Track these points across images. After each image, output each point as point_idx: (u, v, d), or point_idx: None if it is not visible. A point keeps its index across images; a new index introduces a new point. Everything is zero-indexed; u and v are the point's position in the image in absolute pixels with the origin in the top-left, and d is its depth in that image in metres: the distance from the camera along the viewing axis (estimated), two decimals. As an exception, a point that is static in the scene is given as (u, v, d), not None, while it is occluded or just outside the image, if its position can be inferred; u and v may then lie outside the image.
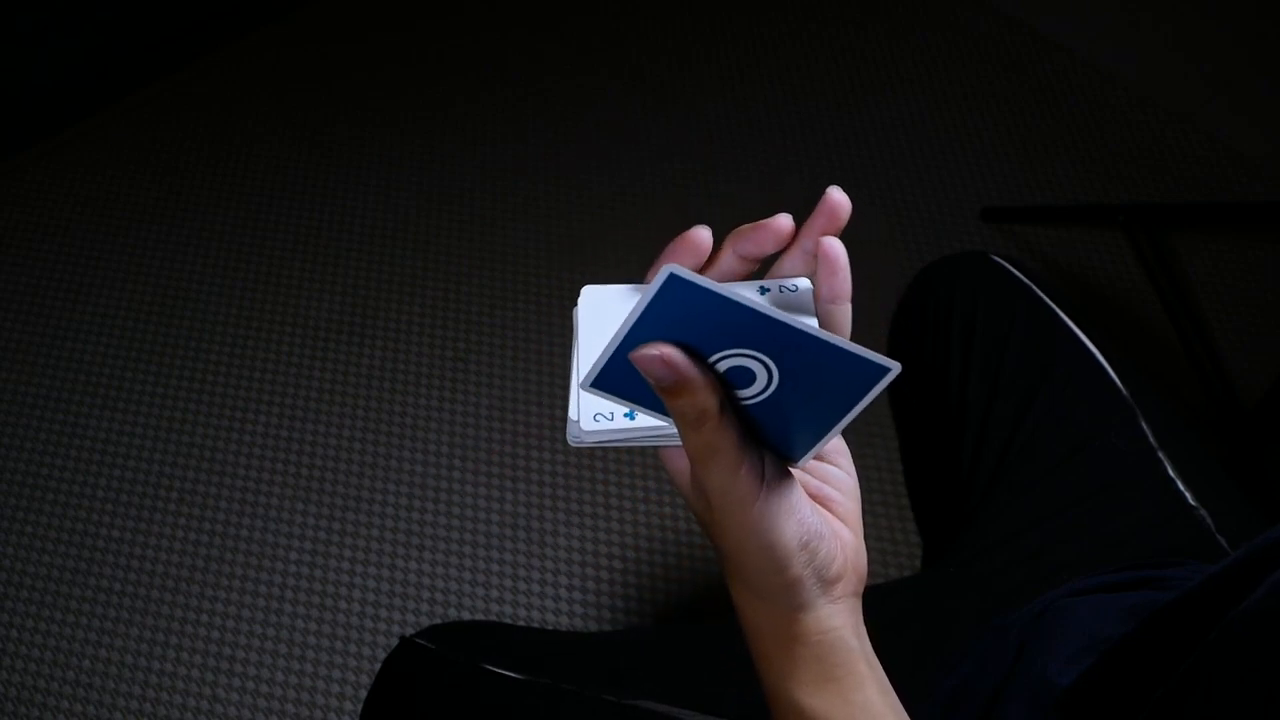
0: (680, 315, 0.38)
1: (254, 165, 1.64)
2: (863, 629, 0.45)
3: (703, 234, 0.44)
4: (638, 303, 0.38)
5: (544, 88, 1.74)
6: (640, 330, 0.39)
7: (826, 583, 0.44)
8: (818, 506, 0.45)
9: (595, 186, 1.62)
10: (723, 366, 0.40)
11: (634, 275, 0.47)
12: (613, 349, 0.40)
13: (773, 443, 0.44)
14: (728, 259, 0.44)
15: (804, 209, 0.46)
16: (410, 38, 1.79)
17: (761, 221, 0.44)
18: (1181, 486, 0.73)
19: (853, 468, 0.49)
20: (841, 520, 0.46)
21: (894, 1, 1.87)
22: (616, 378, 0.41)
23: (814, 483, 0.47)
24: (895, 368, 0.39)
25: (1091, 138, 1.69)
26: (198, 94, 1.72)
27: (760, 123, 1.70)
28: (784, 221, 0.44)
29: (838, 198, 0.44)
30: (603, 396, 0.43)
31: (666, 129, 1.69)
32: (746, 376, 0.40)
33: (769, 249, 0.44)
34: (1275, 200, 1.64)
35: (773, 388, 0.41)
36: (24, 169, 1.62)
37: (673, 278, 0.37)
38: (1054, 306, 0.82)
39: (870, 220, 1.59)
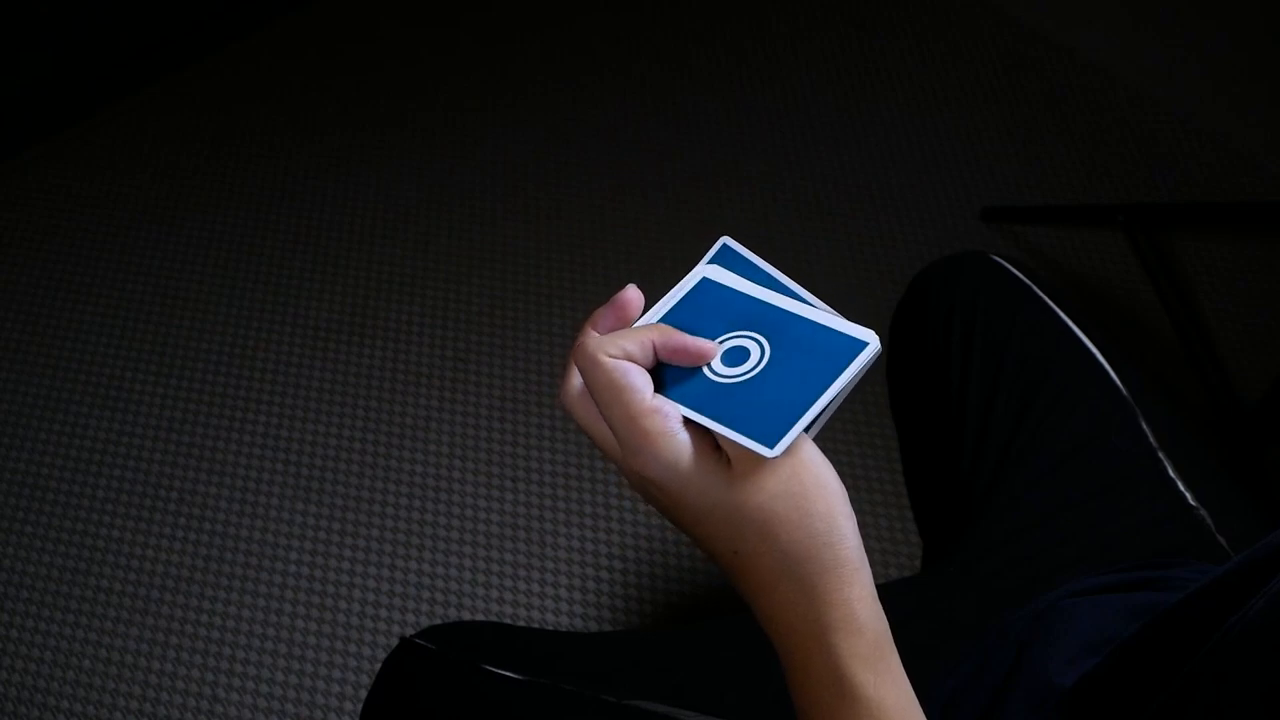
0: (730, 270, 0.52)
1: (254, 165, 1.64)
2: None
3: (631, 295, 0.49)
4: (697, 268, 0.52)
5: (544, 88, 1.74)
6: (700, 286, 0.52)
7: (861, 547, 0.45)
8: None
9: (595, 186, 1.62)
10: (727, 342, 0.50)
11: (632, 276, 0.50)
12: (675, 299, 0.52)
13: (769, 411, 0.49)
14: (594, 338, 0.48)
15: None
16: (410, 38, 1.80)
17: (612, 300, 0.49)
18: (1182, 487, 0.73)
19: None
20: None
21: (894, 1, 1.87)
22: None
23: None
24: (871, 343, 0.46)
25: (1091, 138, 1.69)
26: (198, 94, 1.72)
27: (760, 123, 1.70)
28: (631, 294, 0.49)
29: (630, 296, 0.49)
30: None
31: (666, 129, 1.69)
32: (739, 356, 0.49)
33: (627, 322, 0.49)
34: (1275, 200, 1.64)
35: (765, 359, 0.48)
36: (24, 169, 1.62)
37: (725, 246, 0.52)
38: (1054, 306, 0.82)
39: (870, 220, 1.59)
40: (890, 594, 0.76)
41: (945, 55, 1.80)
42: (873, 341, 0.47)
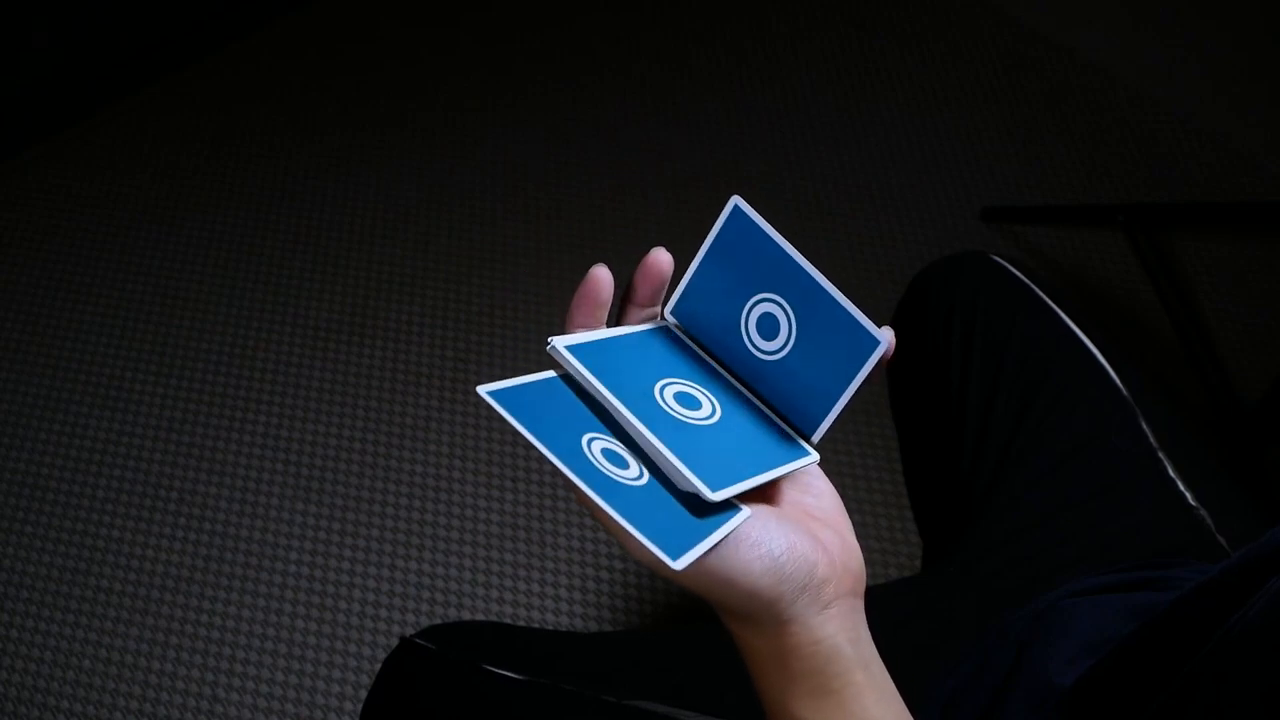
0: (735, 249, 0.46)
1: (254, 165, 1.64)
2: (862, 632, 0.44)
3: (601, 274, 0.45)
4: (709, 236, 0.46)
5: (544, 88, 1.74)
6: (709, 260, 0.47)
7: (810, 591, 0.42)
8: (784, 517, 0.43)
9: (595, 187, 1.62)
10: (757, 311, 0.46)
11: (632, 273, 0.48)
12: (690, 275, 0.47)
13: (790, 415, 0.47)
14: (633, 312, 0.48)
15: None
16: (410, 38, 1.80)
17: (641, 264, 0.47)
18: (1182, 487, 0.73)
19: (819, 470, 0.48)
20: (822, 523, 0.45)
21: (894, 1, 1.87)
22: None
23: (791, 492, 0.46)
24: (885, 341, 0.43)
25: (1091, 138, 1.69)
26: (198, 94, 1.72)
27: (760, 123, 1.70)
28: (662, 256, 0.47)
29: (659, 258, 0.47)
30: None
31: (666, 129, 1.69)
32: (773, 326, 0.46)
33: (660, 285, 0.47)
34: (1275, 200, 1.64)
35: (790, 344, 0.45)
36: (24, 169, 1.62)
37: (736, 209, 0.45)
38: (1054, 307, 0.82)
39: (870, 220, 1.59)
40: (890, 594, 0.76)
41: (945, 55, 1.80)
42: (814, 454, 0.45)
